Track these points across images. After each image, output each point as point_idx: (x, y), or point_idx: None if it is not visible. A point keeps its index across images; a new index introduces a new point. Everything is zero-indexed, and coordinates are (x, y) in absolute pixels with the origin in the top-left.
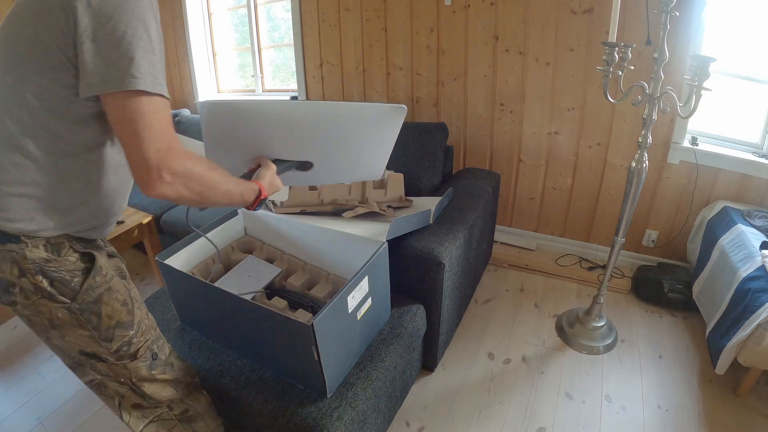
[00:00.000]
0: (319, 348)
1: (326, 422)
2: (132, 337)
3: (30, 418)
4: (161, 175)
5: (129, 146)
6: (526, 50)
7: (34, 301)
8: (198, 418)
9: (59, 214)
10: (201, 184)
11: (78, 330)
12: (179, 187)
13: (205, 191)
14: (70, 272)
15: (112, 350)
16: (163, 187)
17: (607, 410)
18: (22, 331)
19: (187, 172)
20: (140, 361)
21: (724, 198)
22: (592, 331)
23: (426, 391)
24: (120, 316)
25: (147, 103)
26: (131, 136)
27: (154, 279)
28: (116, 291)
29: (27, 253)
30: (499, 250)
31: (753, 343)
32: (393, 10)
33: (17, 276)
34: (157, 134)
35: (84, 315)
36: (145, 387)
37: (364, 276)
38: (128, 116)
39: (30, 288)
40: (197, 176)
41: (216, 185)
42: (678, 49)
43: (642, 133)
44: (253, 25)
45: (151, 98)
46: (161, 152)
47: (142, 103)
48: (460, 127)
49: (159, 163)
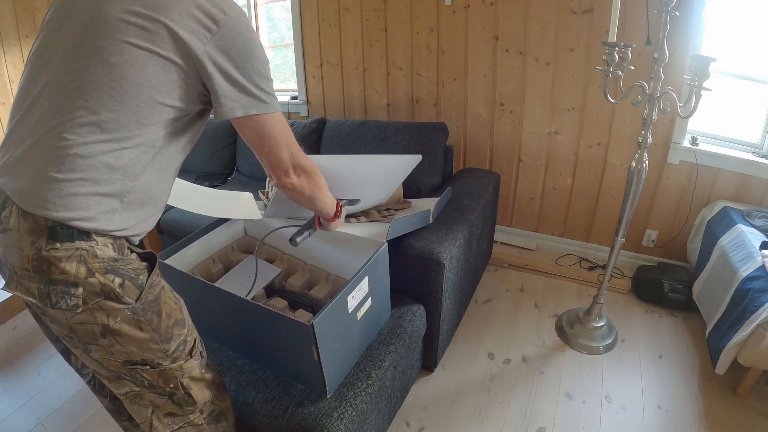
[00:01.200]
0: (319, 348)
1: (326, 422)
2: (186, 335)
3: (30, 418)
4: (295, 169)
5: (267, 154)
6: (526, 50)
7: (95, 304)
8: (222, 417)
9: (136, 212)
10: (317, 182)
11: (136, 333)
12: (304, 180)
13: (316, 191)
14: (135, 270)
15: (170, 351)
16: (293, 178)
17: (607, 410)
18: (22, 331)
19: (310, 169)
20: (194, 360)
21: (724, 198)
22: (592, 331)
23: (426, 391)
24: (176, 314)
25: (277, 120)
26: (269, 146)
27: None
28: (167, 290)
29: (97, 251)
30: (499, 250)
31: (753, 343)
32: (393, 10)
33: (84, 276)
34: (287, 141)
35: (146, 315)
36: (193, 389)
37: (364, 276)
38: (266, 132)
39: (96, 289)
40: (316, 175)
41: (323, 187)
42: (678, 49)
43: (642, 133)
44: (253, 25)
45: (279, 115)
46: (293, 154)
47: (274, 120)
48: (460, 127)
49: (293, 161)
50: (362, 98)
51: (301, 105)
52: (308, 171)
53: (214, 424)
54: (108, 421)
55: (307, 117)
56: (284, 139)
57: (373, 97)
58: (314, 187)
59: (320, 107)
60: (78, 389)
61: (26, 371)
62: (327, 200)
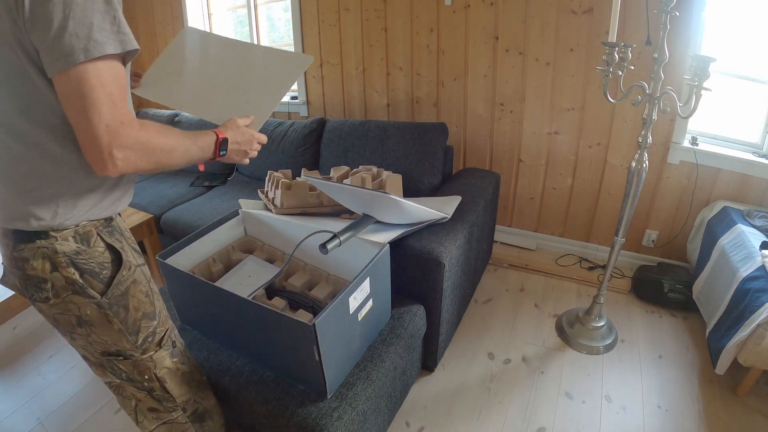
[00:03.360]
0: (320, 348)
1: (326, 422)
2: (156, 327)
3: (30, 418)
4: (112, 154)
5: (76, 125)
6: (526, 50)
7: (64, 297)
8: (207, 416)
9: (81, 200)
10: (157, 153)
11: (106, 326)
12: (134, 160)
13: (163, 158)
14: (99, 264)
15: (138, 343)
16: (117, 166)
17: (607, 410)
18: (23, 331)
19: (142, 145)
20: (164, 350)
21: (724, 198)
22: (592, 331)
23: (426, 391)
24: (145, 308)
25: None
26: (78, 112)
27: (155, 279)
28: (140, 283)
29: (57, 246)
30: (499, 250)
31: (753, 343)
32: (393, 10)
33: (49, 271)
34: (105, 109)
35: (112, 309)
36: (167, 382)
37: (366, 277)
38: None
39: (61, 283)
40: (152, 146)
41: (173, 148)
42: (678, 49)
43: (642, 133)
44: (253, 25)
45: (94, 65)
46: (111, 129)
47: (88, 73)
48: (460, 127)
49: (110, 141)
50: (362, 98)
51: (301, 105)
52: (136, 147)
53: (198, 423)
54: (108, 422)
55: (307, 117)
56: (104, 101)
57: (373, 97)
58: (152, 159)
59: (320, 107)
60: (78, 389)
61: (26, 371)
62: (187, 149)
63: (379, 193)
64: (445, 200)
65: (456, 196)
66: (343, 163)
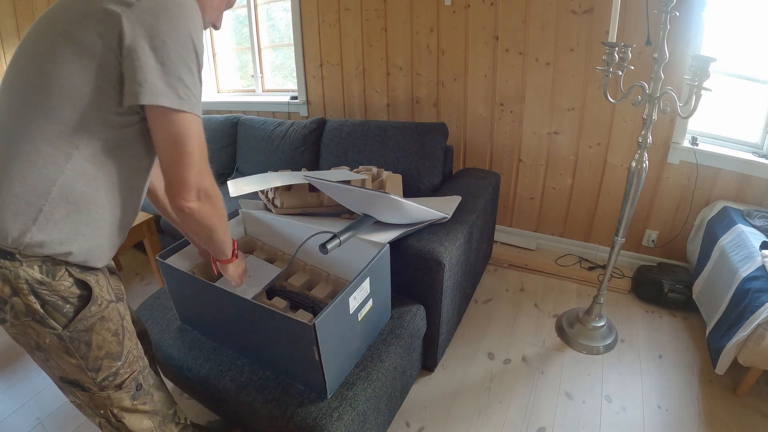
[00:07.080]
0: (320, 348)
1: (326, 422)
2: (119, 368)
3: (30, 418)
4: (199, 193)
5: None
6: (526, 50)
7: (23, 321)
8: None
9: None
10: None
11: (65, 357)
12: (207, 207)
13: (216, 222)
14: (63, 298)
15: (98, 380)
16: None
17: (607, 410)
18: None
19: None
20: (124, 392)
21: (724, 198)
22: (592, 331)
23: (426, 392)
24: (110, 347)
25: (195, 126)
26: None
27: (155, 279)
28: (109, 320)
29: (20, 271)
30: (499, 250)
31: (753, 343)
32: (393, 10)
33: (9, 295)
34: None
35: (73, 343)
36: (125, 418)
37: (366, 277)
38: (180, 137)
39: (21, 308)
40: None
41: (224, 219)
42: (678, 49)
43: (642, 133)
44: (253, 25)
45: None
46: (201, 173)
47: (193, 125)
48: (460, 127)
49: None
50: (362, 98)
51: (301, 105)
52: (213, 197)
53: None
54: None
55: (307, 117)
56: (197, 153)
57: (373, 97)
58: (215, 218)
59: (320, 107)
60: None
61: (26, 371)
62: (226, 236)
63: (379, 193)
64: (445, 200)
65: (456, 196)
66: (343, 163)
